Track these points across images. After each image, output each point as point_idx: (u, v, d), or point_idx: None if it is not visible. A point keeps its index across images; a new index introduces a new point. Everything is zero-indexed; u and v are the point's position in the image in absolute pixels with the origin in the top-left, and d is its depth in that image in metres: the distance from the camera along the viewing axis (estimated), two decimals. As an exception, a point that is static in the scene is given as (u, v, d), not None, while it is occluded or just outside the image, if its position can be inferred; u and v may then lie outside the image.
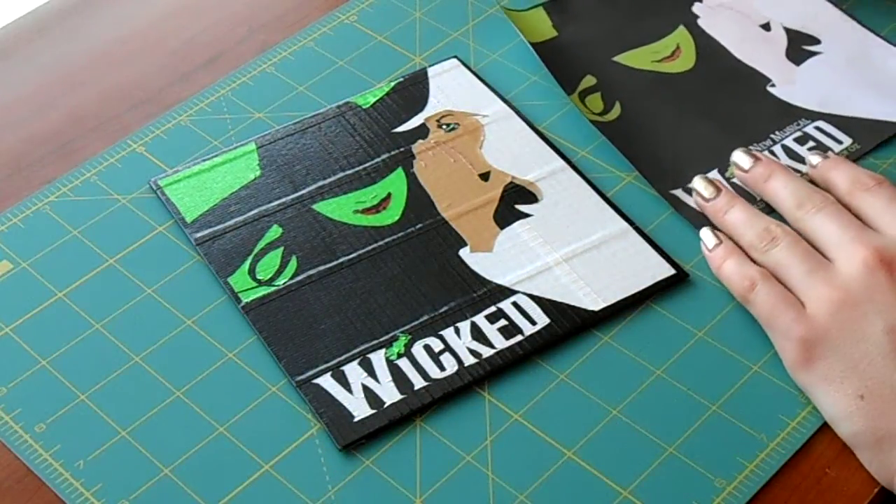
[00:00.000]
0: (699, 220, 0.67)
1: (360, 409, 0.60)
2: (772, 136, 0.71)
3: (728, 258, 0.64)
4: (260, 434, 0.60)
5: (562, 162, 0.71)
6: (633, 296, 0.65)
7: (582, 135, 0.72)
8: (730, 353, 0.63)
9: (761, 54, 0.75)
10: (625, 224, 0.68)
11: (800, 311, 0.61)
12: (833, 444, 0.60)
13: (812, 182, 0.67)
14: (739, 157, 0.68)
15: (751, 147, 0.70)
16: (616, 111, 0.72)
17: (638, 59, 0.75)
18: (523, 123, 0.73)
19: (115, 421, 0.61)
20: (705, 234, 0.66)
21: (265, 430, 0.60)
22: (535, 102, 0.74)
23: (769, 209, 0.67)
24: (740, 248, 0.65)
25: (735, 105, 0.73)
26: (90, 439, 0.60)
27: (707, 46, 0.76)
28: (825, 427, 0.60)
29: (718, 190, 0.67)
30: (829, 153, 0.68)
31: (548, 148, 0.71)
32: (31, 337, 0.64)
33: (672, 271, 0.66)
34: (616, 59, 0.75)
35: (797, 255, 0.62)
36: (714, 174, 0.69)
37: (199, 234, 0.67)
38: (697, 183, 0.68)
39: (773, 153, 0.70)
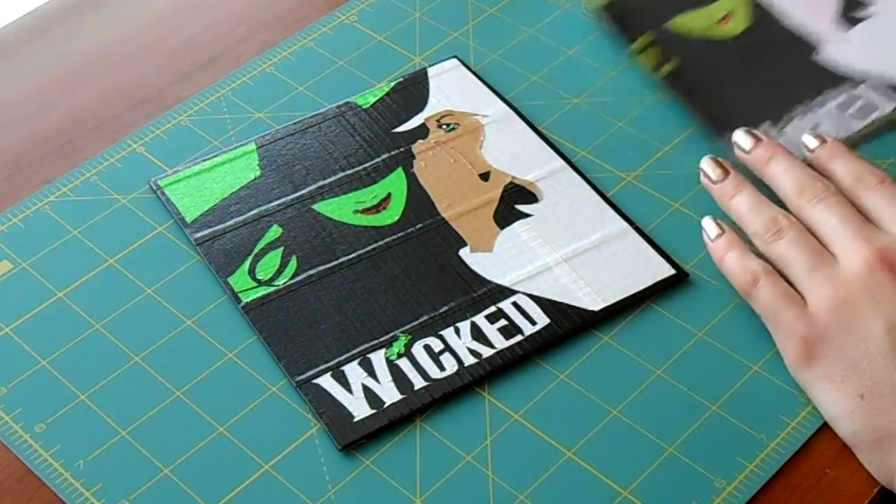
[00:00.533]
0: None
1: (360, 409, 0.60)
2: (809, 102, 0.72)
3: (730, 250, 0.64)
4: (260, 434, 0.60)
5: (562, 162, 0.71)
6: (633, 296, 0.65)
7: (582, 135, 0.72)
8: (730, 353, 0.63)
9: (813, 16, 0.76)
10: (625, 224, 0.68)
11: (802, 308, 0.60)
12: (833, 444, 0.60)
13: (812, 167, 0.66)
14: (740, 137, 0.67)
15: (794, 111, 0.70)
16: (672, 65, 0.74)
17: (690, 23, 0.77)
18: (523, 123, 0.73)
19: (115, 421, 0.61)
20: (707, 222, 0.65)
21: (265, 430, 0.60)
22: (535, 102, 0.74)
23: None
24: (745, 234, 0.64)
25: (780, 72, 0.74)
26: (90, 439, 0.60)
27: (758, 10, 0.77)
28: (825, 427, 0.60)
29: (727, 172, 0.66)
30: (828, 138, 0.67)
31: (548, 148, 0.71)
32: (31, 337, 0.64)
33: (672, 271, 0.66)
34: (668, 24, 0.77)
35: (801, 250, 0.62)
36: (766, 127, 0.70)
37: (199, 234, 0.67)
38: (705, 163, 0.67)
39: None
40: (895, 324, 0.58)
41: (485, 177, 0.70)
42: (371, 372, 0.62)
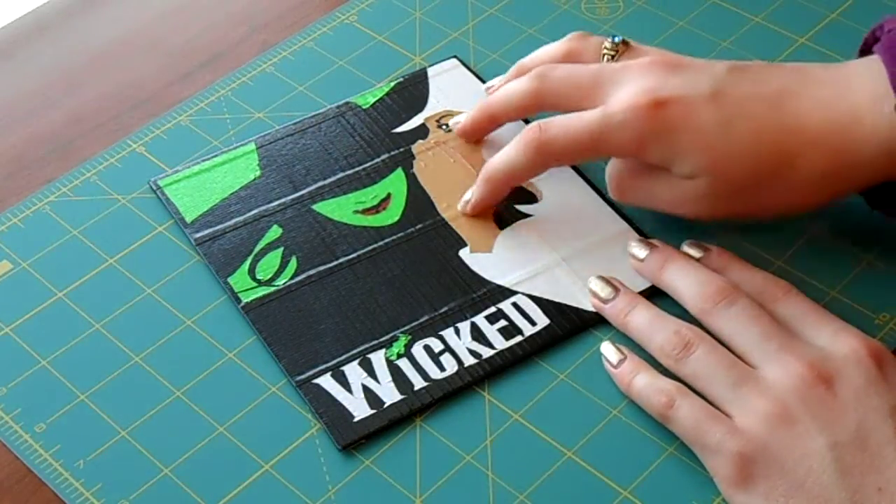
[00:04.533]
0: None
1: (359, 409, 0.60)
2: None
3: (637, 374, 0.60)
4: (260, 434, 0.60)
5: (562, 162, 0.71)
6: (633, 296, 0.65)
7: (582, 135, 0.72)
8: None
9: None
10: (624, 224, 0.68)
11: (730, 424, 0.57)
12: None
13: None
14: (634, 246, 0.65)
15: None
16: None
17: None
18: (523, 123, 0.73)
19: (115, 421, 0.61)
20: (606, 348, 0.62)
21: (265, 430, 0.60)
22: (534, 102, 0.74)
23: None
24: (649, 352, 0.61)
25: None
26: (90, 439, 0.60)
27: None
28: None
29: (616, 290, 0.63)
30: (712, 247, 0.64)
31: (548, 148, 0.71)
32: (31, 337, 0.64)
33: (672, 271, 0.66)
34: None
35: (717, 365, 0.58)
36: None
37: (199, 234, 0.67)
38: (593, 283, 0.64)
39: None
40: (838, 439, 0.55)
41: (485, 177, 0.70)
42: (371, 372, 0.62)
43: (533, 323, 0.64)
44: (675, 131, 0.62)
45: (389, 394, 0.61)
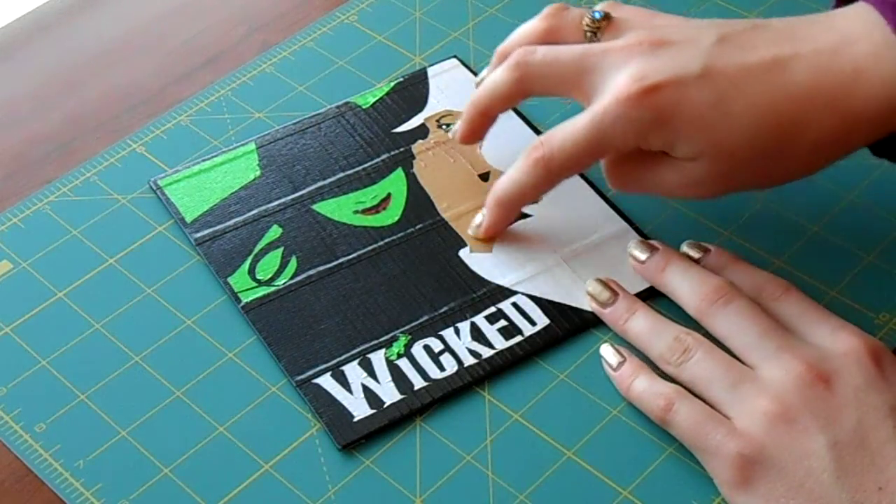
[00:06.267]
0: None
1: (359, 409, 0.60)
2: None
3: (636, 377, 0.60)
4: (260, 434, 0.60)
5: (562, 162, 0.71)
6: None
7: (582, 135, 0.72)
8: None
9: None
10: (625, 224, 0.68)
11: (729, 426, 0.56)
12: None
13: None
14: (635, 248, 0.64)
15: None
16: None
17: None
18: (523, 123, 0.73)
19: (115, 421, 0.61)
20: (606, 350, 0.62)
21: (265, 430, 0.60)
22: (535, 102, 0.73)
23: None
24: (648, 357, 0.61)
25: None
26: (90, 439, 0.60)
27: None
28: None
29: (615, 293, 0.63)
30: (711, 247, 0.64)
31: (548, 148, 0.71)
32: (31, 337, 0.64)
33: (672, 271, 0.66)
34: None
35: (716, 368, 0.58)
36: None
37: (198, 234, 0.67)
38: (592, 286, 0.64)
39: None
40: (838, 439, 0.55)
41: (484, 177, 0.70)
42: (371, 372, 0.62)
43: (533, 323, 0.64)
44: (671, 116, 0.60)
45: (389, 394, 0.61)
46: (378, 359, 0.62)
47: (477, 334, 0.63)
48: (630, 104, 0.60)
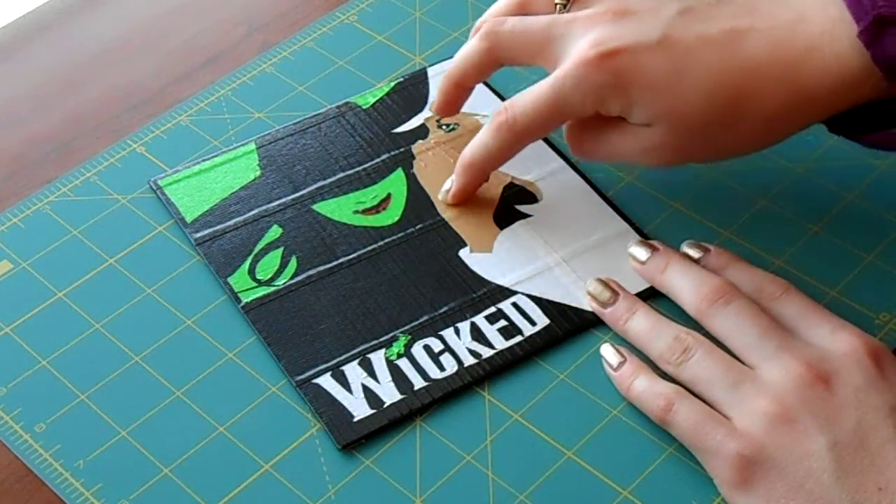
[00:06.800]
0: None
1: (359, 409, 0.60)
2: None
3: (637, 377, 0.60)
4: (260, 434, 0.60)
5: (562, 162, 0.71)
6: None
7: (582, 135, 0.72)
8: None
9: None
10: (624, 224, 0.68)
11: (729, 426, 0.56)
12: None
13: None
14: (636, 248, 0.65)
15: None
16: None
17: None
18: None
19: (115, 421, 0.61)
20: (606, 350, 0.62)
21: (265, 430, 0.60)
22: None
23: None
24: (648, 356, 0.61)
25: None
26: (90, 439, 0.60)
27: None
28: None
29: (615, 293, 0.63)
30: (711, 246, 0.64)
31: (547, 148, 0.71)
32: (31, 337, 0.64)
33: (672, 271, 0.66)
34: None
35: (715, 368, 0.58)
36: None
37: (199, 234, 0.68)
38: (592, 286, 0.64)
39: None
40: (838, 439, 0.55)
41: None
42: (371, 372, 0.62)
43: (533, 323, 0.64)
44: (628, 81, 0.62)
45: (389, 394, 0.61)
46: (378, 359, 0.62)
47: (477, 334, 0.63)
48: (589, 68, 0.62)
